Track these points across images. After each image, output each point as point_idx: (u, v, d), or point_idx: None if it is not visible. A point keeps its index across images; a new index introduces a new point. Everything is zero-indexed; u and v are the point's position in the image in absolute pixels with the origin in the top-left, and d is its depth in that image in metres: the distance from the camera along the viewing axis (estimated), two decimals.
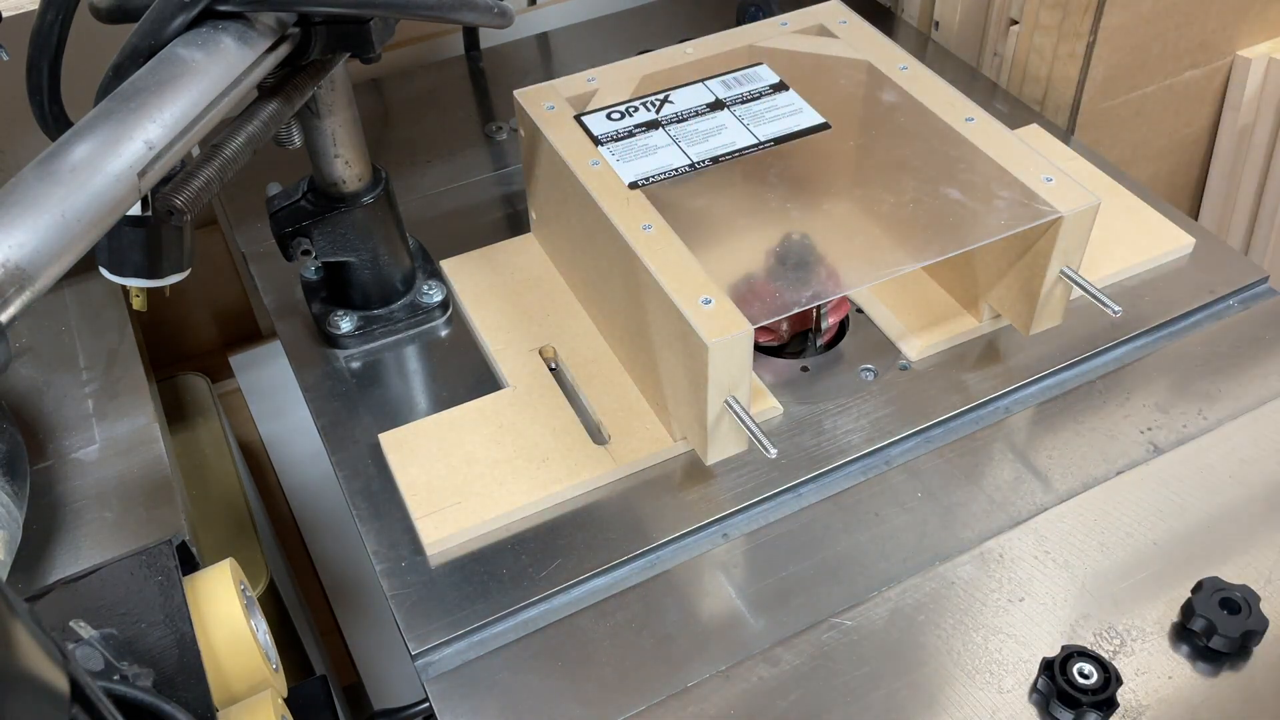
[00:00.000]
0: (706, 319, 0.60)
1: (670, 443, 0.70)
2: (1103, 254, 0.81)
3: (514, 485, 0.68)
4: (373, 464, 0.71)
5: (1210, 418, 0.73)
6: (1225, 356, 0.77)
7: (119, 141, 0.46)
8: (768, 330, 0.76)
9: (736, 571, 0.66)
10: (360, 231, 0.75)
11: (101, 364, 0.79)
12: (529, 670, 0.61)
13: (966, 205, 0.69)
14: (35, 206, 0.42)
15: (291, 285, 0.84)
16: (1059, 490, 0.69)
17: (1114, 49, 0.97)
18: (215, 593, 0.55)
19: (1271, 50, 1.07)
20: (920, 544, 0.66)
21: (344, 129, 0.71)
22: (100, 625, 0.50)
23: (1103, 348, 0.77)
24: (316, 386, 0.77)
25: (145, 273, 0.60)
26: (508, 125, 1.01)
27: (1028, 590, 0.63)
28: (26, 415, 0.75)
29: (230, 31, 0.53)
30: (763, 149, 0.75)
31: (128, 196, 0.46)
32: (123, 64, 0.52)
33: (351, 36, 0.60)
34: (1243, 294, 0.81)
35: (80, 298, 0.84)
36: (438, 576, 0.65)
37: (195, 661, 0.51)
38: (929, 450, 0.72)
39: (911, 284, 0.80)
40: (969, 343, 0.78)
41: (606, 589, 0.65)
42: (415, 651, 0.62)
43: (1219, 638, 0.59)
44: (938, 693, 0.59)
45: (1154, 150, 1.11)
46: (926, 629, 0.62)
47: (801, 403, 0.74)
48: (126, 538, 0.67)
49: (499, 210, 0.92)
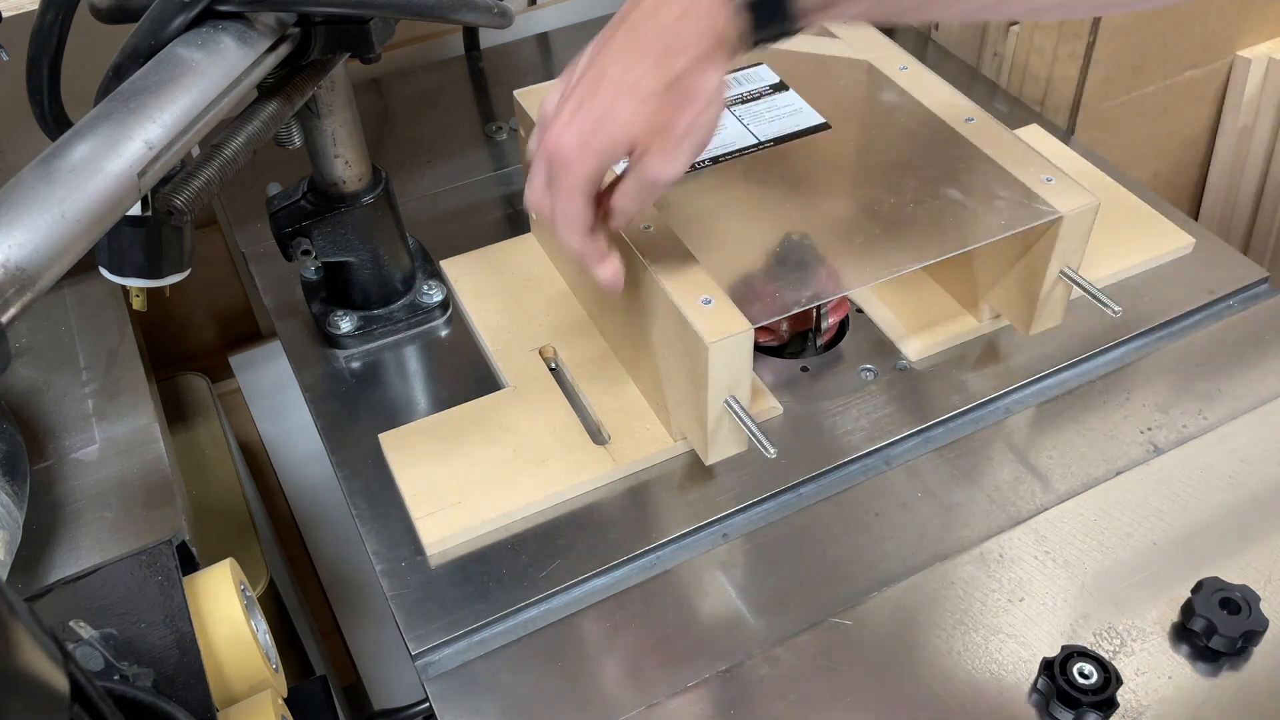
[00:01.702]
0: (706, 319, 0.60)
1: (670, 443, 0.70)
2: (1103, 254, 0.81)
3: (514, 485, 0.68)
4: (373, 464, 0.71)
5: (1210, 418, 0.73)
6: (1225, 356, 0.77)
7: (119, 141, 0.46)
8: (768, 330, 0.76)
9: (736, 571, 0.66)
10: (360, 231, 0.75)
11: (101, 364, 0.79)
12: (529, 670, 0.61)
13: (966, 205, 0.69)
14: (35, 206, 0.42)
15: (291, 285, 0.84)
16: (1059, 490, 0.69)
17: (1114, 49, 0.97)
18: (215, 593, 0.55)
19: (1271, 50, 1.07)
20: (920, 544, 0.66)
21: (344, 129, 0.71)
22: (100, 625, 0.50)
23: (1103, 348, 0.77)
24: (316, 386, 0.77)
25: (145, 273, 0.60)
26: (508, 125, 1.01)
27: (1028, 590, 0.63)
28: (26, 415, 0.75)
29: (230, 31, 0.53)
30: (763, 149, 0.75)
31: (128, 196, 0.46)
32: (123, 64, 0.52)
33: (351, 36, 0.60)
34: (1243, 294, 0.81)
35: (80, 298, 0.84)
36: (437, 577, 0.65)
37: (195, 661, 0.51)
38: (929, 450, 0.72)
39: (911, 284, 0.80)
40: (969, 343, 0.78)
41: (606, 589, 0.65)
42: (415, 651, 0.62)
43: (1219, 638, 0.59)
44: (938, 693, 0.59)
45: (1154, 150, 1.11)
46: (926, 629, 0.62)
47: (801, 403, 0.74)
48: (126, 538, 0.67)
49: (499, 210, 0.93)
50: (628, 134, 0.51)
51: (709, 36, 0.48)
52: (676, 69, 0.49)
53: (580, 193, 0.53)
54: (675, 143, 0.51)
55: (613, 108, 0.50)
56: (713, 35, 0.49)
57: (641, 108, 0.50)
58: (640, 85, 0.50)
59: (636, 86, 0.50)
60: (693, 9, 0.48)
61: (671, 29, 0.49)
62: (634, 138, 0.51)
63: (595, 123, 0.51)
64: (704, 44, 0.49)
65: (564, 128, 0.52)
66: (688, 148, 0.51)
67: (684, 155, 0.51)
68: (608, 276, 0.58)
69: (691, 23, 0.48)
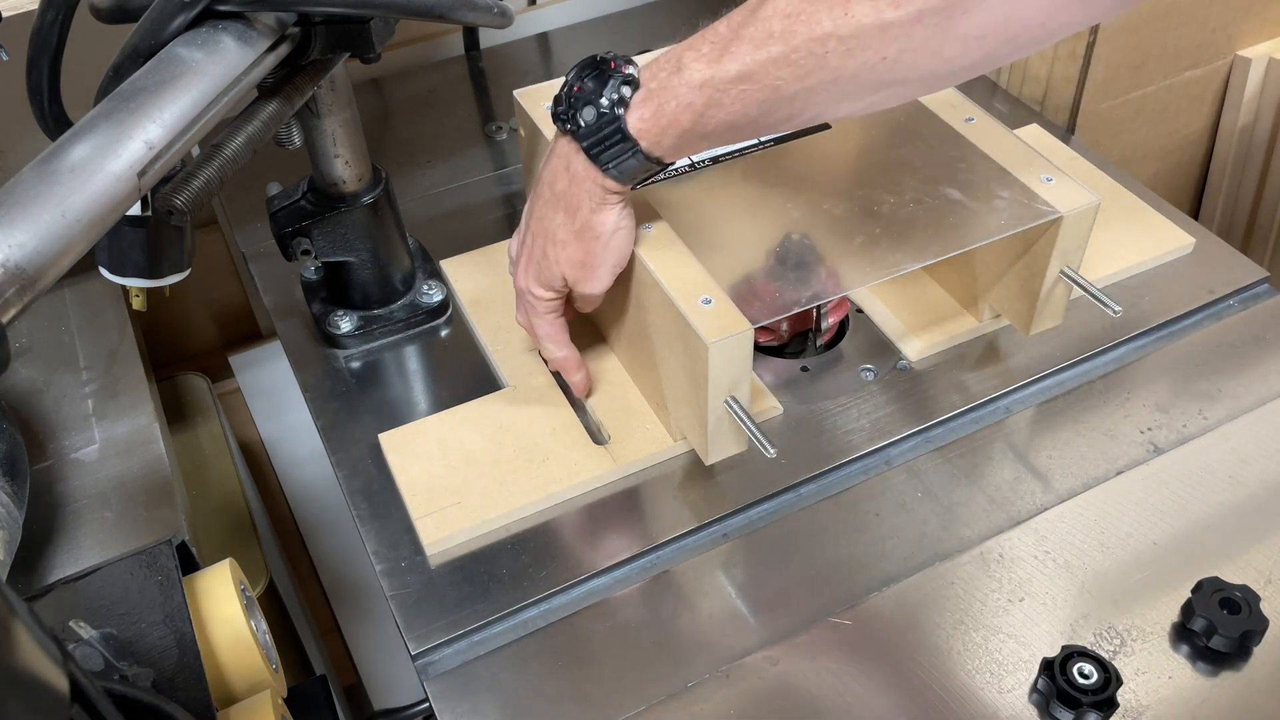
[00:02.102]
0: (706, 319, 0.60)
1: (670, 443, 0.70)
2: (1103, 254, 0.81)
3: (514, 485, 0.68)
4: (373, 464, 0.71)
5: (1210, 418, 0.73)
6: (1225, 356, 0.77)
7: (119, 141, 0.46)
8: (768, 330, 0.76)
9: (736, 571, 0.66)
10: (360, 231, 0.75)
11: (101, 364, 0.79)
12: (529, 670, 0.61)
13: (966, 205, 0.69)
14: (35, 206, 0.42)
15: (291, 285, 0.84)
16: (1059, 490, 0.69)
17: (1114, 49, 0.97)
18: (215, 593, 0.55)
19: (1271, 50, 1.07)
20: (920, 544, 0.66)
21: (344, 129, 0.71)
22: (100, 625, 0.50)
23: (1103, 348, 0.77)
24: (316, 386, 0.77)
25: (145, 273, 0.60)
26: (508, 125, 1.01)
27: (1028, 590, 0.63)
28: (26, 415, 0.75)
29: (230, 31, 0.53)
30: (763, 149, 0.75)
31: (128, 196, 0.46)
32: (123, 64, 0.52)
33: (351, 36, 0.60)
34: (1243, 294, 0.81)
35: (80, 298, 0.84)
36: (437, 576, 0.65)
37: (195, 661, 0.51)
38: (929, 450, 0.72)
39: (911, 284, 0.80)
40: (969, 343, 0.78)
41: (606, 589, 0.65)
42: (415, 651, 0.62)
43: (1219, 638, 0.59)
44: (938, 693, 0.59)
45: (1154, 150, 1.11)
46: (926, 629, 0.62)
47: (801, 403, 0.74)
48: (126, 538, 0.67)
49: (499, 210, 0.93)
50: (559, 271, 0.65)
51: (595, 191, 0.61)
52: (580, 219, 0.63)
53: (547, 316, 0.69)
54: (593, 270, 0.65)
55: (545, 255, 0.65)
56: (597, 189, 0.61)
57: (563, 251, 0.64)
58: (558, 235, 0.64)
59: (555, 236, 0.64)
60: (575, 177, 0.61)
61: (568, 193, 0.62)
62: (564, 272, 0.65)
63: (537, 267, 0.66)
64: (594, 198, 0.61)
65: (521, 273, 0.68)
66: (604, 272, 0.65)
67: (603, 277, 0.65)
68: (578, 383, 0.72)
69: (579, 186, 0.61)
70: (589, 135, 0.59)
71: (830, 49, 0.52)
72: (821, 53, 0.52)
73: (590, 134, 0.59)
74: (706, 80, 0.55)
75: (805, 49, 0.52)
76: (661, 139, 0.57)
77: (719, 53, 0.55)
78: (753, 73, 0.54)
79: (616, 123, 0.58)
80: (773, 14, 0.53)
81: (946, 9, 0.50)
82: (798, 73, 0.53)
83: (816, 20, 0.52)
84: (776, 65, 0.53)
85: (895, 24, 0.51)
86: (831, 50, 0.52)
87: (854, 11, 0.51)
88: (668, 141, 0.58)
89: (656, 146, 0.58)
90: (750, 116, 0.56)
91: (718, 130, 0.57)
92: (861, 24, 0.51)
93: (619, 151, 0.58)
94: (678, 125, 0.57)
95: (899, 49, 0.52)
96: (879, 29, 0.51)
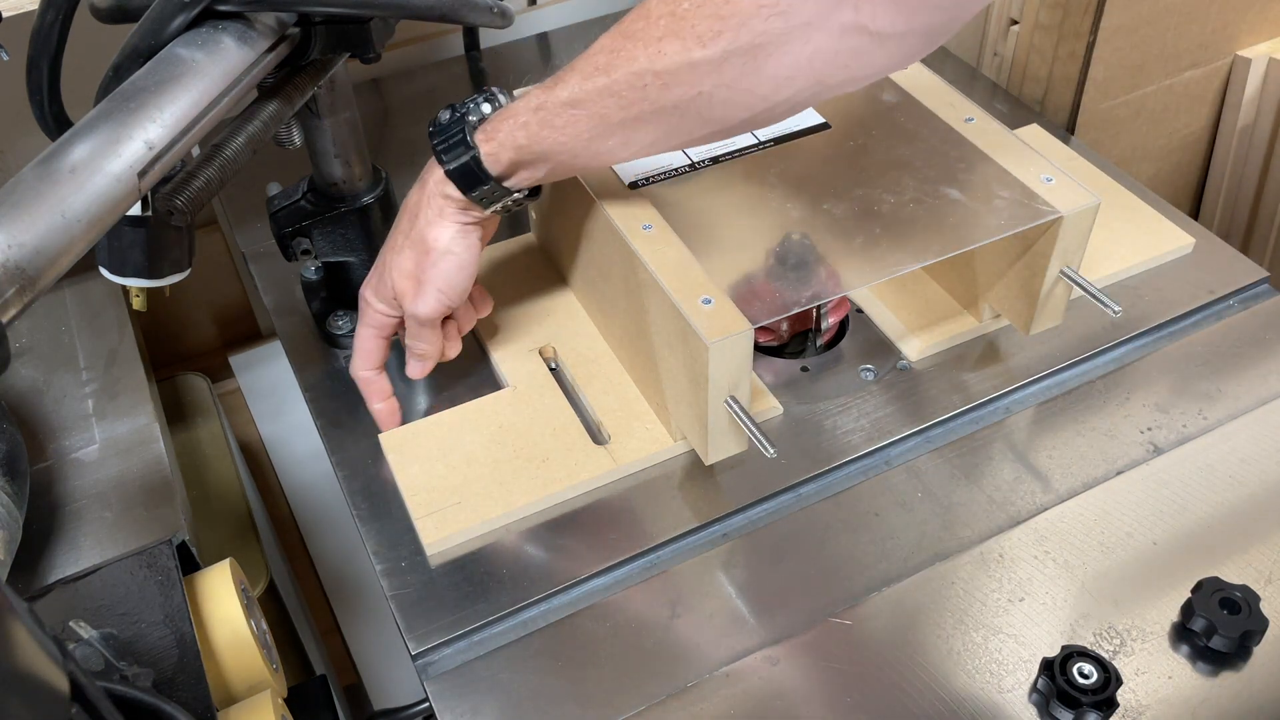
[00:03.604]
0: (706, 319, 0.60)
1: (670, 443, 0.70)
2: (1103, 254, 0.81)
3: (514, 485, 0.68)
4: (373, 464, 0.71)
5: (1210, 418, 0.73)
6: (1225, 356, 0.77)
7: (119, 141, 0.46)
8: (768, 330, 0.76)
9: (736, 571, 0.66)
10: (360, 231, 0.75)
11: (101, 364, 0.79)
12: (529, 670, 0.61)
13: (966, 205, 0.69)
14: (35, 206, 0.42)
15: (291, 285, 0.84)
16: (1059, 490, 0.69)
17: (1114, 49, 0.97)
18: (215, 593, 0.55)
19: (1271, 50, 1.07)
20: (920, 544, 0.66)
21: (344, 129, 0.71)
22: (100, 625, 0.50)
23: (1103, 348, 0.77)
24: (316, 386, 0.77)
25: (145, 273, 0.60)
26: None
27: (1028, 590, 0.63)
28: (26, 415, 0.75)
29: (230, 31, 0.53)
30: (763, 149, 0.75)
31: (128, 196, 0.46)
32: (123, 64, 0.52)
33: (351, 36, 0.60)
34: (1243, 294, 0.81)
35: (80, 298, 0.84)
36: (438, 576, 0.65)
37: (195, 661, 0.51)
38: (929, 450, 0.72)
39: (911, 284, 0.80)
40: (969, 343, 0.78)
41: (606, 589, 0.65)
42: (415, 651, 0.62)
43: (1219, 638, 0.59)
44: (938, 693, 0.59)
45: (1154, 150, 1.11)
46: (926, 629, 0.62)
47: (801, 403, 0.74)
48: (126, 538, 0.67)
49: None
50: (390, 280, 0.66)
51: (436, 199, 0.64)
52: (417, 228, 0.65)
53: (369, 328, 0.69)
54: (420, 287, 0.66)
55: (383, 262, 0.67)
56: (438, 197, 0.64)
57: (396, 258, 0.66)
58: (396, 240, 0.67)
59: (394, 242, 0.67)
60: (424, 184, 0.65)
61: (419, 204, 0.65)
62: (394, 282, 0.66)
63: (378, 274, 0.68)
64: (433, 207, 0.64)
65: (365, 281, 0.69)
66: (430, 290, 0.66)
67: (429, 296, 0.66)
68: (379, 412, 0.72)
69: (424, 192, 0.65)
70: (438, 135, 0.63)
71: (648, 83, 0.56)
72: (640, 85, 0.56)
73: (439, 132, 0.63)
74: (541, 104, 0.60)
75: (626, 82, 0.57)
76: (499, 153, 0.61)
77: (554, 82, 0.60)
78: (580, 100, 0.58)
79: (462, 126, 0.62)
80: (599, 50, 0.58)
81: (750, 51, 0.54)
82: (621, 103, 0.57)
83: (633, 56, 0.56)
84: (601, 95, 0.58)
85: (703, 62, 0.54)
86: (650, 84, 0.56)
87: (665, 50, 0.55)
88: (505, 156, 0.61)
89: (494, 162, 0.62)
90: (583, 140, 0.60)
91: (553, 151, 0.61)
92: (673, 61, 0.55)
93: (458, 154, 0.62)
94: (513, 141, 0.61)
95: (713, 84, 0.55)
96: (689, 66, 0.55)
